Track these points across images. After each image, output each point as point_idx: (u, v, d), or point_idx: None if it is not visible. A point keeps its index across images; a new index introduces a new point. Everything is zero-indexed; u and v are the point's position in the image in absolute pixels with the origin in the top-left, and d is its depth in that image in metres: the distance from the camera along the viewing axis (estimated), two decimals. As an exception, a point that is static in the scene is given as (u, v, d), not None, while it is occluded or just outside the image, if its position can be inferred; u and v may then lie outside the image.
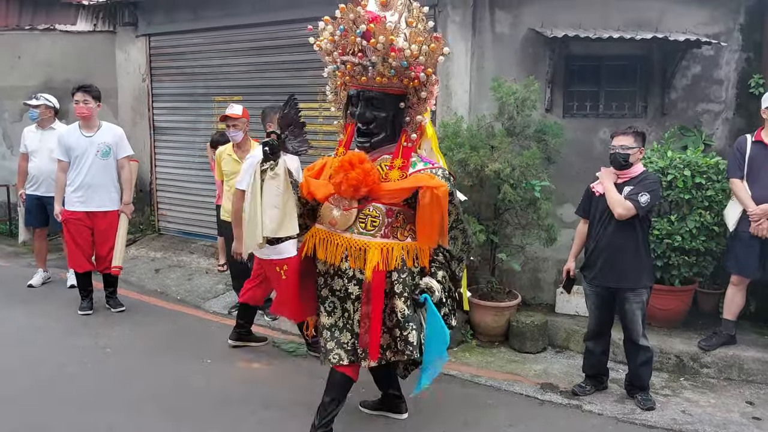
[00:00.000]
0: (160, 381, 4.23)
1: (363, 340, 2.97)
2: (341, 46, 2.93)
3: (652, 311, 4.66)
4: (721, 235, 4.79)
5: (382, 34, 2.75)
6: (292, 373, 4.39)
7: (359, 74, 2.93)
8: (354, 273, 3.02)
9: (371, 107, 2.96)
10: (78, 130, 5.36)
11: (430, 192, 2.85)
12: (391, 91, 2.95)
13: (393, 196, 2.94)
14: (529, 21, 5.37)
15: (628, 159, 3.85)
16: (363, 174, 2.86)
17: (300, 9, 6.15)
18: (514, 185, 4.84)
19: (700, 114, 5.52)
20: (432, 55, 2.86)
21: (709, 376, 4.49)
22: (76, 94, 5.31)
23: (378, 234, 2.98)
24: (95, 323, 5.28)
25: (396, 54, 2.78)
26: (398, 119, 3.02)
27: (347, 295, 3.06)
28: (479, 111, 5.38)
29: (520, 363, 4.72)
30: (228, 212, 5.43)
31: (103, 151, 5.36)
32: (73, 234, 5.35)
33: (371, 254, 2.95)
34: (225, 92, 7.17)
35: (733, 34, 5.41)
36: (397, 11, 2.88)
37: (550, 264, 5.56)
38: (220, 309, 5.80)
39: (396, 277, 2.98)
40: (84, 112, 5.30)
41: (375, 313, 2.93)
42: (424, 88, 2.93)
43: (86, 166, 5.31)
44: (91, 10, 8.31)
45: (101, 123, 5.47)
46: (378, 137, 3.00)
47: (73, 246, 5.37)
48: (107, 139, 5.40)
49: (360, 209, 2.97)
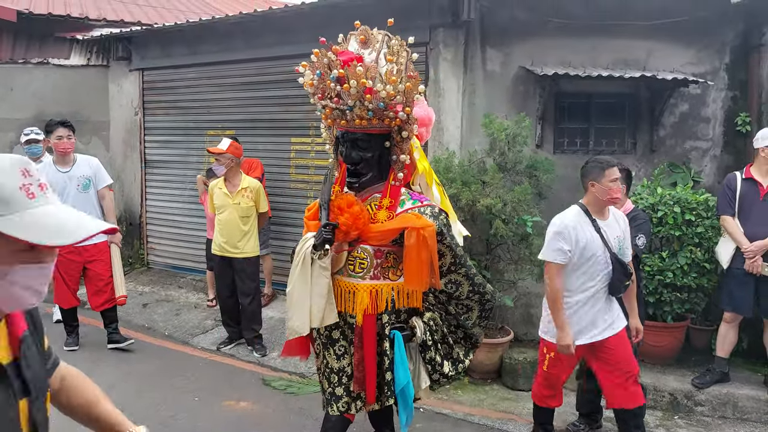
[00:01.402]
0: (147, 420, 4.09)
1: (360, 385, 2.93)
2: (320, 90, 2.91)
3: (644, 348, 4.62)
4: (713, 271, 4.80)
5: (354, 78, 2.72)
6: (282, 412, 4.30)
7: (339, 117, 2.93)
8: (345, 317, 2.97)
9: (357, 148, 2.94)
10: (53, 166, 5.24)
11: (416, 233, 2.78)
12: (374, 132, 2.92)
13: (380, 238, 2.90)
14: (519, 59, 5.45)
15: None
16: (352, 218, 2.84)
17: (291, 45, 6.21)
18: (506, 220, 4.84)
19: (689, 151, 5.59)
20: (409, 93, 2.82)
21: (703, 414, 4.44)
22: (58, 129, 5.20)
23: (367, 276, 2.94)
24: (81, 359, 5.17)
25: (372, 96, 2.75)
26: (385, 158, 2.99)
27: (345, 338, 3.02)
28: (471, 146, 5.42)
29: (513, 401, 4.65)
30: (218, 246, 5.40)
31: (84, 184, 5.29)
32: (61, 270, 5.20)
33: (360, 297, 2.92)
34: (217, 126, 7.19)
35: (719, 73, 5.52)
36: (375, 49, 2.86)
37: (542, 300, 5.51)
38: (208, 345, 5.70)
39: (386, 319, 2.95)
40: (69, 148, 5.24)
41: (368, 356, 2.88)
42: (405, 126, 2.90)
43: (68, 202, 5.14)
44: (85, 45, 8.37)
45: (75, 156, 5.38)
46: (366, 177, 2.98)
47: (61, 281, 5.24)
48: (86, 171, 5.32)
49: (350, 251, 2.95)
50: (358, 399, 2.99)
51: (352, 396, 2.98)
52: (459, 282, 3.03)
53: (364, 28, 2.90)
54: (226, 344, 5.62)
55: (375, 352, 2.92)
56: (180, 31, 7.23)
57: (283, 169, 6.71)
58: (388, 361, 2.94)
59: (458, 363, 3.18)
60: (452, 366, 3.15)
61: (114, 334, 5.48)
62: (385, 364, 2.95)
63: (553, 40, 5.41)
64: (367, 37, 2.87)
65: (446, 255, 2.95)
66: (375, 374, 2.92)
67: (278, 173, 6.69)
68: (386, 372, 2.95)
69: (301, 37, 5.96)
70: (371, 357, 2.90)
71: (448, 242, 2.94)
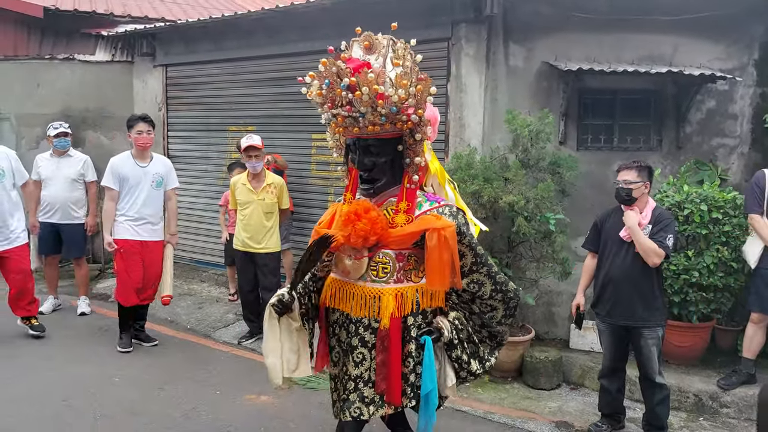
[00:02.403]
0: (169, 412, 4.17)
1: (379, 387, 2.92)
2: (330, 99, 2.88)
3: (669, 348, 4.57)
4: (740, 271, 4.71)
5: (366, 84, 2.70)
6: (302, 406, 4.32)
7: (351, 125, 2.90)
8: (369, 322, 2.97)
9: (369, 154, 2.93)
10: (131, 160, 5.30)
11: (437, 234, 2.78)
12: (387, 136, 2.91)
13: (401, 242, 2.89)
14: (542, 54, 5.40)
15: (631, 194, 3.78)
16: (370, 224, 2.82)
17: (313, 41, 6.22)
18: (528, 218, 4.80)
19: (716, 148, 5.49)
20: (421, 95, 2.81)
21: (729, 416, 4.36)
22: (138, 124, 5.26)
23: (391, 280, 2.94)
24: (103, 352, 5.25)
25: (384, 101, 2.74)
26: (398, 162, 2.98)
27: (365, 345, 3.00)
28: (492, 143, 5.38)
29: (534, 400, 4.62)
30: (240, 241, 5.43)
31: (157, 182, 5.33)
32: (128, 264, 5.19)
33: (385, 301, 2.91)
34: (239, 122, 7.23)
35: (748, 69, 5.41)
36: (380, 54, 2.83)
37: (564, 298, 5.48)
38: (229, 339, 5.75)
39: (411, 321, 2.95)
40: (148, 143, 5.30)
41: (394, 358, 2.88)
42: (418, 129, 2.89)
43: (141, 196, 5.24)
44: (110, 41, 8.47)
45: (152, 154, 5.46)
46: (380, 182, 2.97)
47: (126, 277, 5.22)
48: (160, 169, 5.38)
49: (370, 257, 2.94)
50: (371, 404, 2.98)
51: (365, 401, 2.98)
52: (481, 282, 3.01)
53: (367, 34, 2.87)
54: (247, 338, 5.66)
55: (399, 354, 2.91)
56: (203, 27, 7.27)
57: (304, 166, 6.73)
58: (412, 363, 2.94)
59: (485, 362, 3.17)
60: (479, 364, 3.13)
61: (141, 332, 5.53)
62: (410, 366, 2.95)
63: (576, 35, 5.34)
64: (371, 43, 2.85)
65: (467, 255, 2.94)
66: (400, 376, 2.92)
67: (299, 169, 6.71)
68: (410, 374, 2.95)
69: (323, 32, 5.96)
70: (397, 358, 2.89)
71: (468, 242, 2.93)
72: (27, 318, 5.57)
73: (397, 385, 2.91)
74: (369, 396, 2.97)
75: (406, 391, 2.97)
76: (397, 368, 2.90)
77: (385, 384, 2.90)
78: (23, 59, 8.36)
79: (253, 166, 5.32)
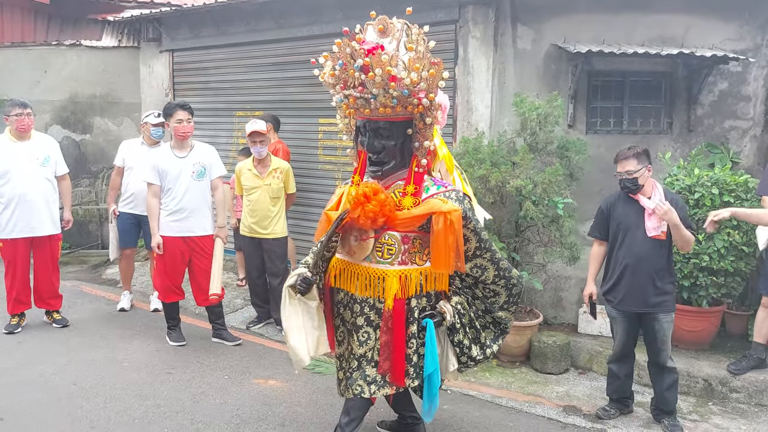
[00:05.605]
0: (177, 395, 4.20)
1: (383, 367, 2.96)
2: (342, 80, 2.92)
3: (679, 333, 4.53)
4: (751, 255, 4.66)
5: (379, 66, 2.73)
6: (308, 391, 4.34)
7: (362, 107, 2.93)
8: (374, 302, 3.01)
9: (379, 137, 2.97)
10: (170, 151, 4.98)
11: (443, 217, 2.83)
12: (397, 119, 2.94)
13: (407, 224, 2.94)
14: (551, 36, 5.32)
15: (637, 182, 3.73)
16: (379, 205, 2.86)
17: (320, 25, 6.18)
18: (536, 202, 4.76)
19: (728, 131, 5.41)
20: (432, 80, 2.83)
21: (739, 402, 4.34)
22: (178, 112, 4.89)
23: (395, 262, 2.98)
24: (113, 336, 5.29)
25: (396, 83, 2.77)
26: (407, 145, 3.02)
27: (370, 324, 3.04)
28: (500, 126, 5.33)
29: (541, 384, 4.61)
30: (247, 227, 5.43)
31: (199, 172, 4.99)
32: (166, 262, 4.97)
33: (389, 283, 2.95)
34: (246, 107, 7.21)
35: (761, 50, 5.31)
36: (395, 38, 2.87)
37: (572, 283, 5.45)
38: (238, 324, 5.77)
39: (415, 303, 2.98)
40: (188, 132, 4.96)
41: (398, 339, 2.91)
42: (428, 113, 2.92)
43: (182, 189, 4.92)
44: (116, 26, 8.46)
45: (193, 142, 5.11)
46: (389, 165, 3.01)
47: (164, 275, 5.00)
48: (202, 159, 5.04)
49: (376, 239, 2.97)
50: (373, 383, 3.01)
51: (368, 381, 3.00)
52: (484, 266, 3.05)
53: (382, 18, 2.92)
54: (255, 323, 5.68)
55: (403, 335, 2.95)
56: (209, 11, 7.23)
57: (311, 150, 6.70)
58: (415, 345, 2.97)
59: (486, 348, 3.19)
60: (480, 350, 3.16)
61: (221, 330, 5.28)
62: (413, 347, 2.97)
63: (585, 16, 5.26)
64: (385, 27, 2.89)
65: (471, 240, 2.98)
66: (404, 356, 2.95)
67: (306, 154, 6.69)
68: (413, 355, 2.98)
69: (329, 16, 5.92)
70: (401, 339, 2.93)
71: (473, 226, 2.97)
72: (49, 312, 5.53)
73: (401, 366, 2.95)
74: (371, 375, 3.00)
75: (408, 372, 3.00)
76: (401, 349, 2.94)
77: (388, 364, 2.95)
78: (30, 45, 8.37)
79: (257, 151, 5.30)
